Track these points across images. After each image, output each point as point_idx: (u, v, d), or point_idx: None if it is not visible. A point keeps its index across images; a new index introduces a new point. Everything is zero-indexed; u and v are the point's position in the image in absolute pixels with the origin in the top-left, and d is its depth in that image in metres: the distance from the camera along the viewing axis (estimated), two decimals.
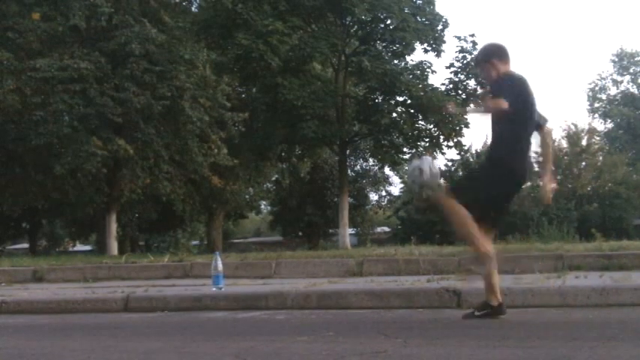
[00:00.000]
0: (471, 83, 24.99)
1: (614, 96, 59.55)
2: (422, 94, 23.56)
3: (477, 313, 4.94)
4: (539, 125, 5.00)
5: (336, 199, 30.92)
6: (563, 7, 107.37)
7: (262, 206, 44.48)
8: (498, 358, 3.50)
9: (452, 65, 25.06)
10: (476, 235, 4.69)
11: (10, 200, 22.78)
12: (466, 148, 31.32)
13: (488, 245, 4.76)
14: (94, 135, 18.84)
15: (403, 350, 3.84)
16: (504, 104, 4.56)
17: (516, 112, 4.67)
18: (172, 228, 35.98)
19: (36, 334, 5.35)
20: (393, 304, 6.01)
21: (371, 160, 36.98)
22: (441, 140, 24.73)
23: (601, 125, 56.95)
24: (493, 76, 4.97)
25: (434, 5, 25.11)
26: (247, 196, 33.63)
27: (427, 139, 24.98)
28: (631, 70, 59.40)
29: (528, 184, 5.47)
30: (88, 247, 46.54)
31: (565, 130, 43.87)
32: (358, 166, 41.86)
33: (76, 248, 46.84)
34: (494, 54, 5.05)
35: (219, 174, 24.18)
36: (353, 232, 37.33)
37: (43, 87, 18.64)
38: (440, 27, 24.91)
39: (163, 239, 36.39)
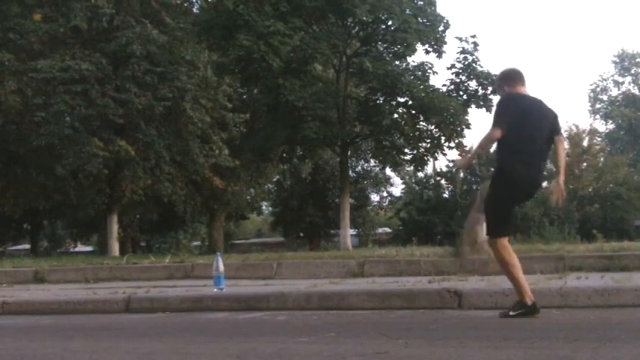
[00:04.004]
0: (472, 84, 25.01)
1: (616, 97, 59.52)
2: (423, 95, 23.56)
3: (511, 313, 5.03)
4: (552, 136, 5.28)
5: (337, 200, 30.93)
6: (564, 8, 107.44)
7: (263, 207, 44.48)
8: (500, 359, 3.50)
9: (453, 66, 25.06)
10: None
11: (12, 201, 22.78)
12: (467, 149, 31.23)
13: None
14: (95, 136, 18.85)
15: (404, 351, 3.84)
16: (494, 134, 5.02)
17: (511, 129, 5.03)
18: (173, 229, 35.97)
19: (37, 335, 5.35)
20: (394, 304, 6.01)
21: (372, 160, 37.00)
22: (442, 141, 24.74)
23: (602, 126, 57.00)
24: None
25: (435, 6, 25.12)
26: (248, 197, 33.63)
27: (428, 140, 25.00)
28: (632, 71, 59.35)
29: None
30: (89, 248, 46.59)
31: (566, 131, 43.87)
32: (359, 167, 41.88)
33: (77, 249, 46.89)
34: (503, 79, 5.45)
35: (220, 175, 24.20)
36: (354, 233, 37.32)
37: (44, 88, 18.66)
38: (441, 28, 24.92)
39: (164, 240, 36.34)
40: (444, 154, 26.00)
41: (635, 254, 7.98)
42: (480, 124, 71.36)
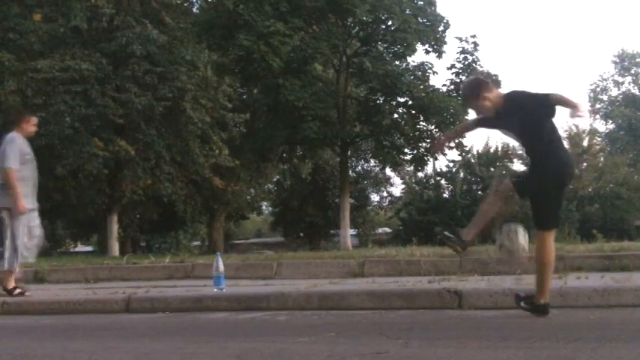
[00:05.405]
0: None
1: (616, 97, 59.53)
2: (423, 95, 23.59)
3: (523, 305, 5.07)
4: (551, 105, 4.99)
5: (337, 200, 30.94)
6: (564, 8, 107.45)
7: (263, 207, 44.49)
8: (500, 359, 3.50)
9: (453, 66, 25.09)
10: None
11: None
12: (467, 149, 31.36)
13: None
14: (95, 136, 18.86)
15: (404, 351, 3.84)
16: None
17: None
18: (174, 229, 35.95)
19: (37, 335, 5.35)
20: (394, 304, 6.00)
21: (372, 160, 37.02)
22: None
23: (602, 126, 56.99)
24: (490, 106, 5.09)
25: (435, 6, 25.15)
26: (248, 197, 33.64)
27: (428, 140, 25.01)
28: (632, 71, 59.35)
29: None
30: (89, 248, 46.55)
31: (566, 131, 43.86)
32: (359, 167, 41.89)
33: (77, 249, 46.85)
34: (481, 87, 5.15)
35: (220, 175, 24.19)
36: (354, 233, 37.32)
37: (44, 88, 18.66)
38: (441, 28, 24.95)
39: (165, 240, 36.35)
40: (444, 154, 26.04)
41: (635, 254, 7.97)
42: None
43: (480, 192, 36.24)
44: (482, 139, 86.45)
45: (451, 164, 37.14)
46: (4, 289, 7.39)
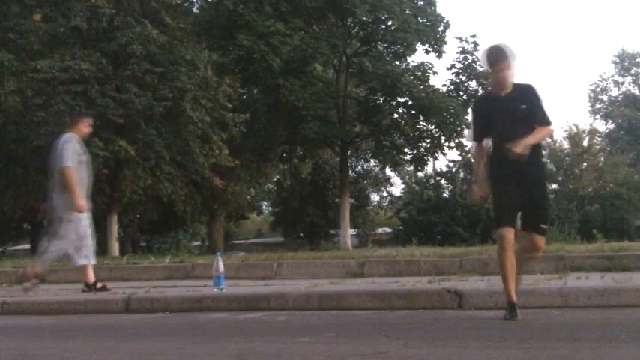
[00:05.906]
0: (472, 84, 25.03)
1: (616, 97, 59.51)
2: (423, 95, 23.62)
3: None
4: None
5: (337, 200, 30.95)
6: (564, 8, 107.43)
7: (263, 207, 44.49)
8: (500, 358, 3.50)
9: (453, 66, 25.13)
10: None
11: (12, 201, 22.77)
12: (467, 149, 31.30)
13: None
14: (95, 136, 18.81)
15: (404, 351, 3.84)
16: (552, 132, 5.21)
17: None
18: (173, 229, 35.90)
19: (38, 335, 5.35)
20: (394, 304, 6.00)
21: (372, 160, 37.02)
22: (442, 141, 24.76)
23: (602, 126, 56.97)
24: (511, 78, 5.05)
25: (435, 6, 25.18)
26: (248, 197, 33.63)
27: (428, 140, 25.03)
28: (632, 71, 59.33)
29: None
30: None
31: (566, 131, 43.89)
32: (359, 167, 41.88)
33: None
34: (513, 57, 5.04)
35: (220, 175, 24.18)
36: (354, 233, 37.30)
37: (44, 88, 18.64)
38: (441, 28, 24.98)
39: (165, 240, 36.27)
40: (444, 154, 26.10)
41: (635, 254, 7.98)
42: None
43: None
44: None
45: (451, 164, 37.15)
46: (85, 283, 7.75)
